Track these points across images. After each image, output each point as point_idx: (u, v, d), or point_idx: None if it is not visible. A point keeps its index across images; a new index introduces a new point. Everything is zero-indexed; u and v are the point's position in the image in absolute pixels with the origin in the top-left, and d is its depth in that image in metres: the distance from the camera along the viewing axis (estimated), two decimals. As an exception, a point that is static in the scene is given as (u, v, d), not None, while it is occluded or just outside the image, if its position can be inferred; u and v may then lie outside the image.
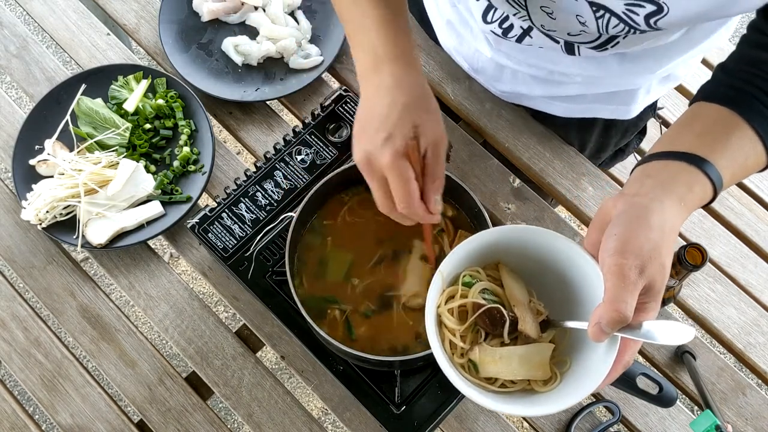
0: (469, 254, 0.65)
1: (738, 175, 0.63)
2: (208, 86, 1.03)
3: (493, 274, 0.68)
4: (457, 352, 0.64)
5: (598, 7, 0.65)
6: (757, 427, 0.90)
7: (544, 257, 0.65)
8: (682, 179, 0.59)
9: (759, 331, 0.94)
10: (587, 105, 0.94)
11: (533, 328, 0.64)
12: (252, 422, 0.89)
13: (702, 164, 0.59)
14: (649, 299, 0.55)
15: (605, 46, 0.75)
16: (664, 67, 0.83)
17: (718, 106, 0.63)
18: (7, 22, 1.09)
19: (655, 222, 0.55)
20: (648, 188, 0.58)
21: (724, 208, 1.05)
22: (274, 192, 0.91)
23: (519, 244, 0.65)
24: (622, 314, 0.52)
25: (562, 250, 0.63)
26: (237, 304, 0.93)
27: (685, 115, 0.65)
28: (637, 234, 0.54)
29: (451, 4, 0.94)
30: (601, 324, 0.53)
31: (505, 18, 0.82)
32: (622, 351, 0.57)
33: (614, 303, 0.53)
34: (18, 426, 0.91)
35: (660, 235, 0.55)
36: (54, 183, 0.93)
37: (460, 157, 1.01)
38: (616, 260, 0.54)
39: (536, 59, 0.88)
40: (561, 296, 0.66)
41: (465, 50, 0.98)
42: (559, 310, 0.66)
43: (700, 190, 0.59)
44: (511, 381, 0.63)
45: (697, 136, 0.62)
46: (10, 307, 0.95)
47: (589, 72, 0.85)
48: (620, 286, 0.53)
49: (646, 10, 0.62)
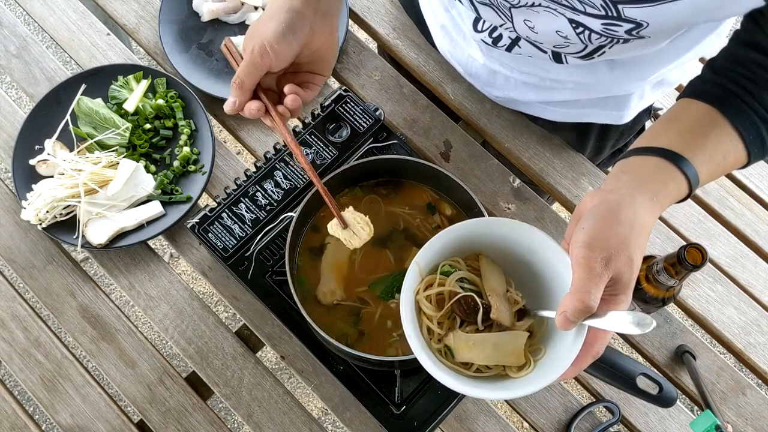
0: (445, 245, 0.67)
1: (716, 172, 0.64)
2: (208, 86, 1.02)
3: (474, 265, 0.70)
4: (434, 338, 0.67)
5: (577, 24, 0.66)
6: (757, 427, 0.90)
7: (522, 250, 0.67)
8: (657, 176, 0.60)
9: (759, 331, 0.94)
10: (581, 110, 0.94)
11: (507, 316, 0.66)
12: (252, 422, 0.89)
13: (679, 161, 0.60)
14: (618, 291, 0.57)
15: (592, 56, 0.76)
16: (654, 74, 0.84)
17: (701, 103, 0.64)
18: (7, 22, 1.09)
19: (625, 217, 0.57)
20: (622, 184, 0.60)
21: (724, 208, 1.05)
22: (274, 192, 0.91)
23: (497, 237, 0.68)
24: (585, 304, 0.54)
25: (536, 243, 0.65)
26: (237, 304, 0.93)
27: (669, 112, 0.66)
28: (605, 228, 0.56)
29: (445, 9, 0.94)
30: (567, 313, 0.55)
31: (493, 28, 0.83)
32: (592, 341, 0.58)
33: (579, 293, 0.55)
34: (18, 426, 0.91)
35: (629, 230, 0.56)
36: (54, 183, 0.93)
37: (460, 157, 1.01)
38: (583, 253, 0.55)
39: (527, 66, 0.88)
40: (539, 287, 0.68)
41: (459, 55, 0.98)
42: (538, 301, 0.69)
43: (674, 186, 0.60)
44: (486, 366, 0.66)
45: (677, 133, 0.63)
46: (10, 307, 0.95)
47: (579, 79, 0.86)
48: (585, 278, 0.55)
49: (623, 27, 0.63)
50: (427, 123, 1.02)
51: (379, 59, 1.07)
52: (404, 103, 1.04)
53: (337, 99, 0.94)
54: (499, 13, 0.74)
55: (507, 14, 0.72)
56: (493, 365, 0.66)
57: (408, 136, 1.01)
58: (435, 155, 1.01)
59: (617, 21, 0.62)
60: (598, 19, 0.63)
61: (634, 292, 0.85)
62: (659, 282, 0.81)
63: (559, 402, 0.91)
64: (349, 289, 0.82)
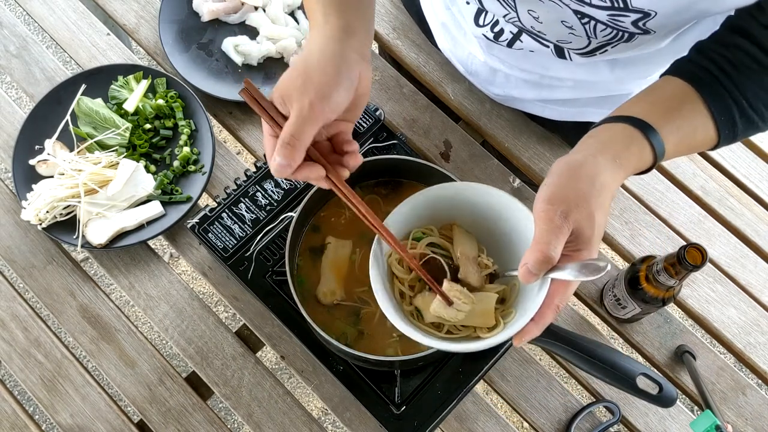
0: (415, 209, 0.69)
1: (683, 147, 0.65)
2: (208, 86, 1.03)
3: (448, 234, 0.72)
4: (406, 301, 0.69)
5: (582, 15, 0.66)
6: (757, 427, 0.90)
7: (493, 215, 0.69)
8: (620, 140, 0.62)
9: (759, 331, 0.94)
10: (580, 108, 0.95)
11: (475, 277, 0.68)
12: (252, 422, 0.89)
13: (645, 128, 0.61)
14: (580, 246, 0.58)
15: (594, 54, 0.76)
16: (654, 74, 0.84)
17: (679, 80, 0.65)
18: (7, 22, 1.09)
19: (585, 174, 0.58)
20: (586, 146, 0.62)
21: (724, 208, 1.05)
22: (274, 192, 0.91)
23: (468, 203, 0.69)
24: (546, 255, 0.55)
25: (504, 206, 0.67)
26: (237, 304, 0.93)
27: (649, 86, 0.68)
28: (564, 183, 0.58)
29: (445, 7, 0.94)
30: (528, 265, 0.56)
31: (495, 22, 0.82)
32: (552, 294, 0.59)
33: (539, 245, 0.56)
34: (18, 426, 0.91)
35: (588, 186, 0.58)
36: (54, 183, 0.93)
37: (460, 157, 1.01)
38: (543, 207, 0.57)
39: (528, 63, 0.88)
40: (511, 253, 0.70)
41: (459, 53, 0.98)
42: (510, 265, 0.70)
43: (637, 150, 0.61)
44: (456, 328, 0.67)
45: (649, 104, 0.65)
46: (10, 307, 0.95)
47: (580, 77, 0.86)
48: (545, 230, 0.56)
49: (630, 18, 0.63)
50: (427, 123, 1.02)
51: (379, 59, 1.07)
52: (404, 103, 1.04)
53: (337, 99, 0.94)
54: (503, 4, 0.74)
55: (511, 4, 0.73)
56: (463, 327, 0.67)
57: (408, 136, 1.01)
58: (435, 155, 1.01)
59: (624, 12, 0.62)
60: (604, 10, 0.63)
61: (634, 292, 0.85)
62: (659, 282, 0.81)
63: (559, 402, 0.91)
64: (349, 289, 0.82)
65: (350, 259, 0.83)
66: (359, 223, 0.84)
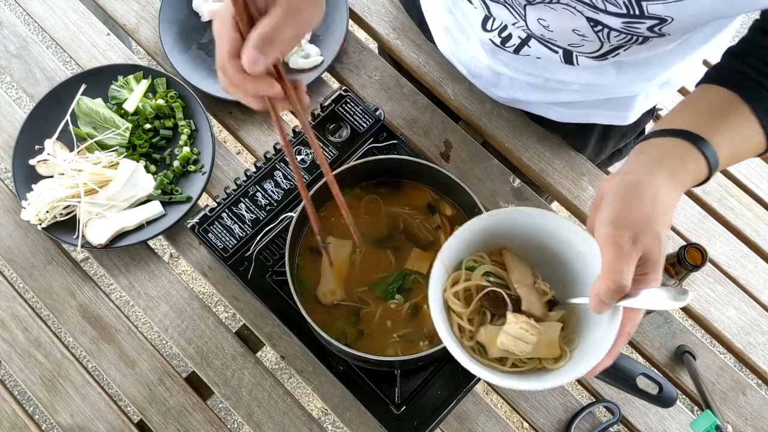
0: (467, 241, 0.66)
1: (735, 155, 0.64)
2: (208, 86, 1.02)
3: (498, 260, 0.69)
4: (466, 336, 0.65)
5: (596, 23, 0.66)
6: (757, 427, 0.90)
7: (545, 238, 0.66)
8: (674, 154, 0.60)
9: (759, 330, 0.94)
10: (585, 111, 0.94)
11: (538, 307, 0.65)
12: (252, 422, 0.89)
13: (696, 141, 0.60)
14: (648, 270, 0.56)
15: (606, 56, 0.75)
16: (662, 75, 0.84)
17: (720, 88, 0.64)
18: (7, 22, 1.09)
19: (646, 194, 0.57)
20: (640, 164, 0.60)
21: (724, 208, 1.05)
22: (274, 192, 0.91)
23: (519, 228, 0.67)
24: (618, 284, 0.54)
25: (561, 230, 0.64)
26: (237, 304, 0.93)
27: (688, 97, 0.66)
28: (627, 206, 0.56)
29: (449, 11, 0.94)
30: (600, 295, 0.55)
31: (504, 27, 0.82)
32: (624, 322, 0.58)
33: (611, 273, 0.54)
34: (18, 426, 0.91)
35: (651, 207, 0.56)
36: (54, 183, 0.93)
37: (460, 157, 1.01)
38: (609, 232, 0.55)
39: (533, 68, 0.88)
40: (566, 276, 0.67)
41: (462, 56, 0.98)
42: (566, 290, 0.68)
43: (693, 165, 0.60)
44: (521, 361, 0.64)
45: (695, 115, 0.63)
46: (10, 307, 0.95)
47: (586, 80, 0.85)
48: (615, 257, 0.54)
49: (646, 24, 0.62)
50: (427, 123, 1.02)
51: (379, 59, 1.07)
52: (404, 103, 1.04)
53: (337, 99, 0.94)
54: (512, 11, 0.73)
55: (521, 12, 0.72)
56: (528, 359, 0.64)
57: (408, 136, 1.01)
58: (435, 155, 1.01)
59: (639, 19, 0.61)
60: (619, 18, 0.63)
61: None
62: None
63: (559, 402, 0.91)
64: (349, 289, 0.82)
65: (350, 259, 0.83)
66: (359, 223, 0.85)
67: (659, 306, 0.53)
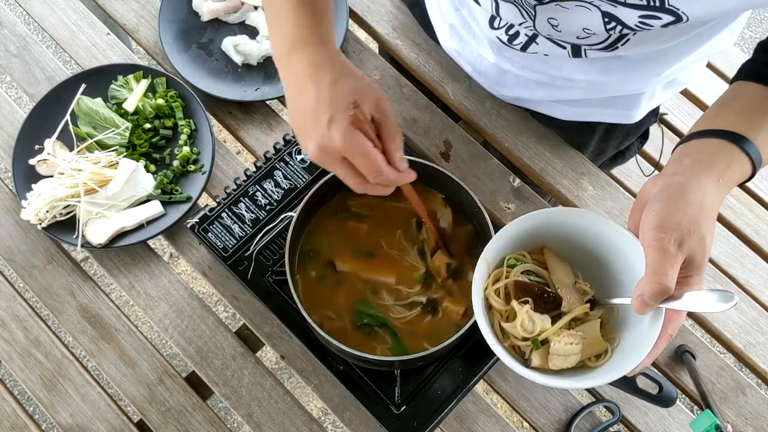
0: (512, 239, 0.67)
1: None
2: (208, 86, 1.02)
3: (539, 258, 0.70)
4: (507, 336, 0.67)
5: (610, 19, 0.65)
6: (757, 427, 0.90)
7: (587, 238, 0.67)
8: (719, 157, 0.60)
9: (759, 330, 0.94)
10: (591, 109, 0.94)
11: (579, 308, 0.66)
12: (252, 422, 0.89)
13: (740, 141, 0.60)
14: (692, 272, 0.57)
15: (615, 45, 0.74)
16: (669, 69, 0.83)
17: (757, 84, 0.64)
18: (7, 22, 1.09)
19: (693, 198, 0.57)
20: (685, 167, 0.60)
21: (724, 208, 1.05)
22: (274, 192, 0.91)
23: (561, 228, 0.67)
24: (663, 286, 0.54)
25: (603, 230, 0.65)
26: (237, 304, 0.93)
27: (725, 95, 0.66)
28: (675, 209, 0.56)
29: (455, 8, 0.93)
30: (644, 296, 0.55)
31: (510, 25, 0.82)
32: (666, 324, 0.58)
33: (655, 275, 0.55)
34: (18, 426, 0.91)
35: (698, 211, 0.56)
36: (54, 183, 0.93)
37: (460, 157, 1.01)
38: (655, 235, 0.56)
39: (540, 65, 0.87)
40: (606, 276, 0.68)
41: (467, 54, 0.98)
42: (606, 290, 0.68)
43: (738, 167, 0.60)
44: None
45: (735, 115, 0.63)
46: (10, 307, 0.95)
47: (592, 77, 0.85)
48: (660, 259, 0.55)
49: (662, 21, 0.62)
50: (427, 123, 1.02)
51: (379, 59, 1.07)
52: (404, 103, 1.04)
53: (337, 99, 0.94)
54: (521, 11, 0.73)
55: (530, 12, 0.71)
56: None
57: (408, 136, 1.01)
58: (435, 155, 1.01)
59: (658, 12, 0.61)
60: (637, 10, 0.62)
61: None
62: (659, 282, 0.81)
63: (559, 402, 0.91)
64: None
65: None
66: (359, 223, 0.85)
67: (703, 309, 0.54)
